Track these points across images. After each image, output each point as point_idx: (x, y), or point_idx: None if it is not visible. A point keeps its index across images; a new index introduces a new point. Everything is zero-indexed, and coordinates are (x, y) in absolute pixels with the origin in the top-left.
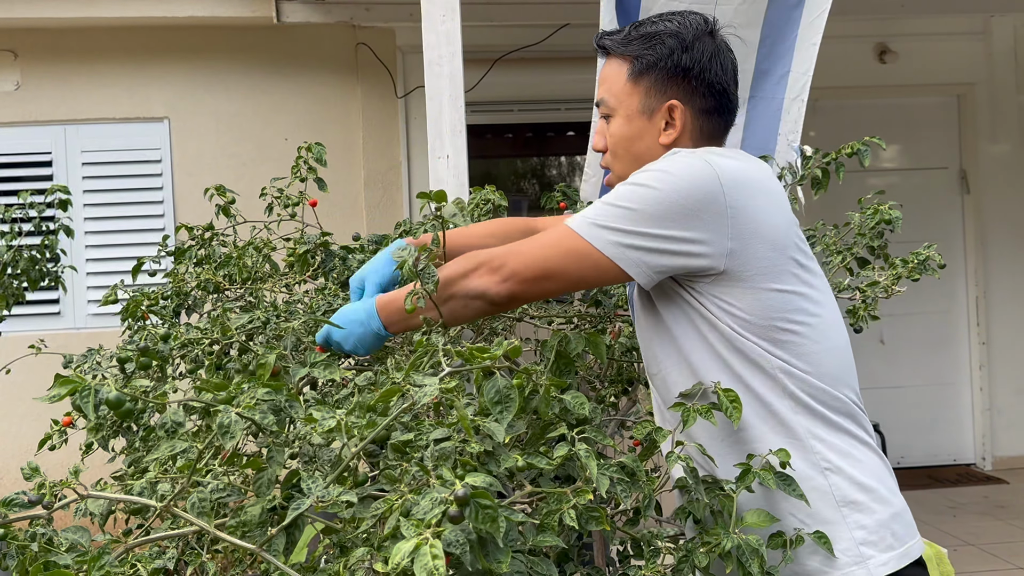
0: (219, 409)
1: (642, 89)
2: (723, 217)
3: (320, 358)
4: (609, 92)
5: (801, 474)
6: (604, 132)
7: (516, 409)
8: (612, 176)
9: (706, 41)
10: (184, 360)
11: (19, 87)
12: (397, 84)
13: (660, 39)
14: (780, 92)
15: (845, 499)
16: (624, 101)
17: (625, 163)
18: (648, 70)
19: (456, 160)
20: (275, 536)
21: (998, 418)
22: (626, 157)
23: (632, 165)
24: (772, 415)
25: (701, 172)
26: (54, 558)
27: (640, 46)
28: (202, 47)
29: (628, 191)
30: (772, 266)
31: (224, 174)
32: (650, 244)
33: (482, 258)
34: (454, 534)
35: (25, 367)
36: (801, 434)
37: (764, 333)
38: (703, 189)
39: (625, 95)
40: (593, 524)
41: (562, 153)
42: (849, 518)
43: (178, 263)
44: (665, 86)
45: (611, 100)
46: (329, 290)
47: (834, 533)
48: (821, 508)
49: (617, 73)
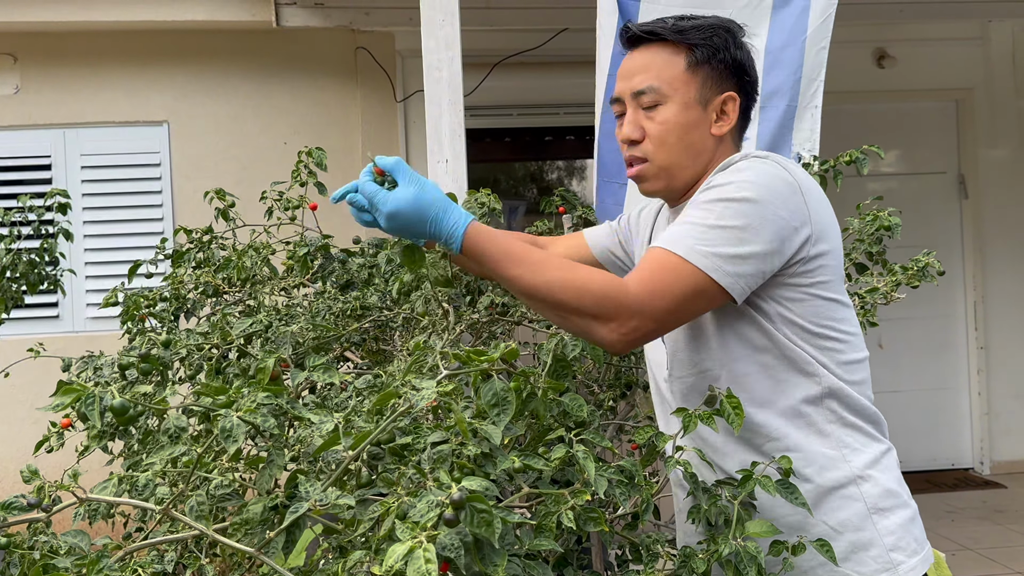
0: (220, 413)
1: (700, 79)
2: (806, 225)
3: (320, 361)
4: (659, 79)
5: (834, 483)
6: (639, 121)
7: (513, 412)
8: (648, 167)
9: (744, 42)
10: (184, 365)
11: (19, 90)
12: (396, 88)
13: (715, 31)
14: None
15: (876, 507)
16: (680, 89)
17: (674, 152)
18: (707, 60)
19: (455, 164)
20: (275, 537)
21: (996, 423)
22: (677, 146)
23: (682, 155)
24: (809, 425)
25: (785, 180)
26: (53, 562)
27: (698, 35)
28: (202, 51)
29: (727, 209)
30: (832, 274)
31: (223, 178)
32: (756, 263)
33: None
34: (449, 537)
35: (23, 370)
36: (834, 443)
37: (814, 341)
38: (791, 198)
39: (682, 83)
40: (591, 525)
41: (561, 157)
42: (879, 524)
43: (176, 266)
44: (722, 78)
45: (664, 87)
46: (329, 294)
47: (866, 540)
48: (852, 516)
49: (670, 61)
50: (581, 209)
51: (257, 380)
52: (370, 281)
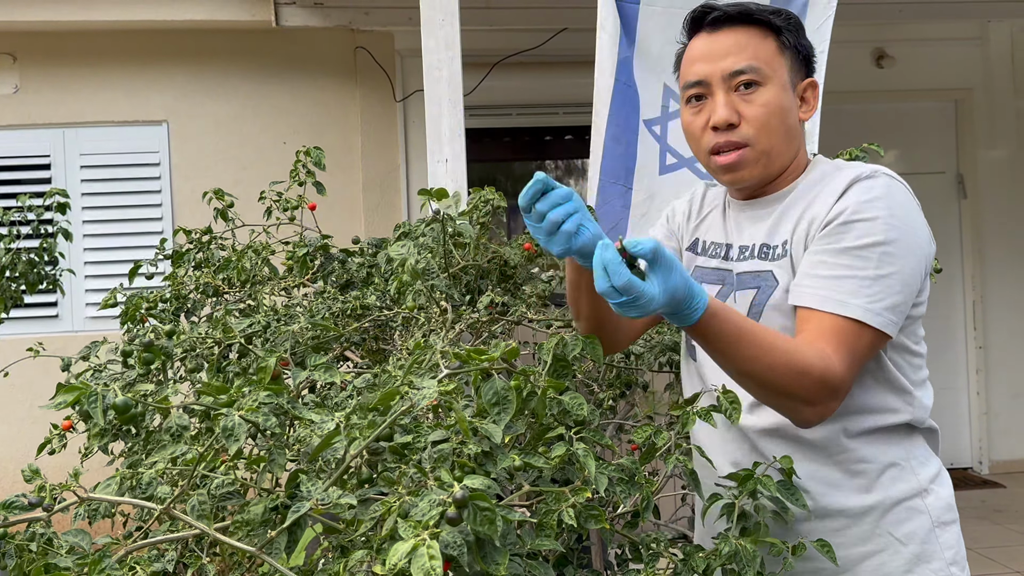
0: (221, 412)
1: (787, 63)
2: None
3: (321, 360)
4: (757, 59)
5: (902, 495)
6: (734, 104)
7: (514, 410)
8: (749, 152)
9: None
10: (184, 363)
11: (18, 90)
12: (396, 88)
13: (792, 17)
14: None
15: (939, 520)
16: (778, 71)
17: (776, 136)
18: (792, 45)
19: (455, 164)
20: (276, 537)
21: (995, 422)
22: (780, 129)
23: (782, 139)
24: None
25: (913, 203)
26: (54, 560)
27: (781, 19)
28: (201, 51)
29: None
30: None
31: (223, 178)
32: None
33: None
34: (452, 536)
35: (23, 370)
36: (905, 455)
37: (909, 359)
38: (921, 223)
39: (779, 65)
40: (592, 523)
41: (560, 157)
42: (940, 538)
43: (176, 266)
44: (801, 64)
45: (765, 68)
46: (328, 293)
47: (928, 553)
48: (918, 529)
49: (763, 41)
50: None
51: (258, 379)
52: (369, 280)
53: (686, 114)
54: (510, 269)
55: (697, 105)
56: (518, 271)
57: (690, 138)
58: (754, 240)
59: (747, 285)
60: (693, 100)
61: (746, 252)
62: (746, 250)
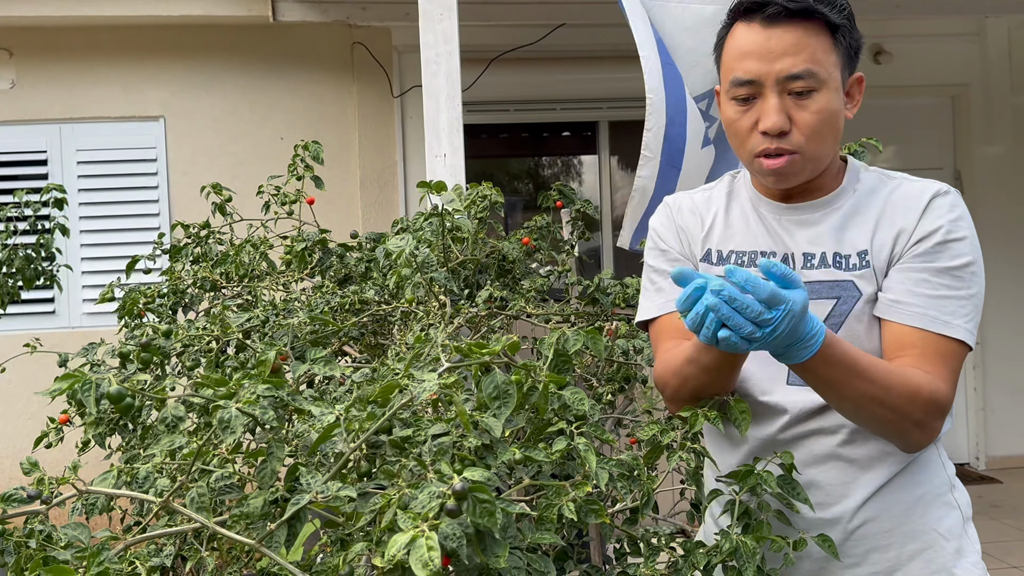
0: (220, 405)
1: (840, 60)
2: None
3: (321, 354)
4: (814, 62)
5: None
6: (784, 109)
7: (515, 404)
8: (798, 160)
9: None
10: (183, 357)
11: (14, 85)
12: (393, 83)
13: (846, 6)
14: None
15: (966, 515)
16: (833, 73)
17: (825, 143)
18: (844, 43)
19: (453, 158)
20: (276, 530)
21: (992, 418)
22: (829, 136)
23: (831, 145)
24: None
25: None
26: (53, 554)
27: (837, 13)
28: (198, 46)
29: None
30: None
31: (220, 173)
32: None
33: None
34: (451, 527)
35: (20, 366)
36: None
37: None
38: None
39: (833, 67)
40: (593, 517)
41: (558, 153)
42: (969, 532)
43: (174, 261)
44: (850, 59)
45: (821, 72)
46: (327, 288)
47: (965, 548)
48: (954, 524)
49: (819, 42)
50: (579, 203)
51: (257, 372)
52: (367, 275)
53: (730, 109)
54: (509, 264)
55: (746, 105)
56: (517, 266)
57: (733, 135)
58: (819, 248)
59: (822, 295)
60: (741, 98)
61: (813, 260)
62: (812, 258)
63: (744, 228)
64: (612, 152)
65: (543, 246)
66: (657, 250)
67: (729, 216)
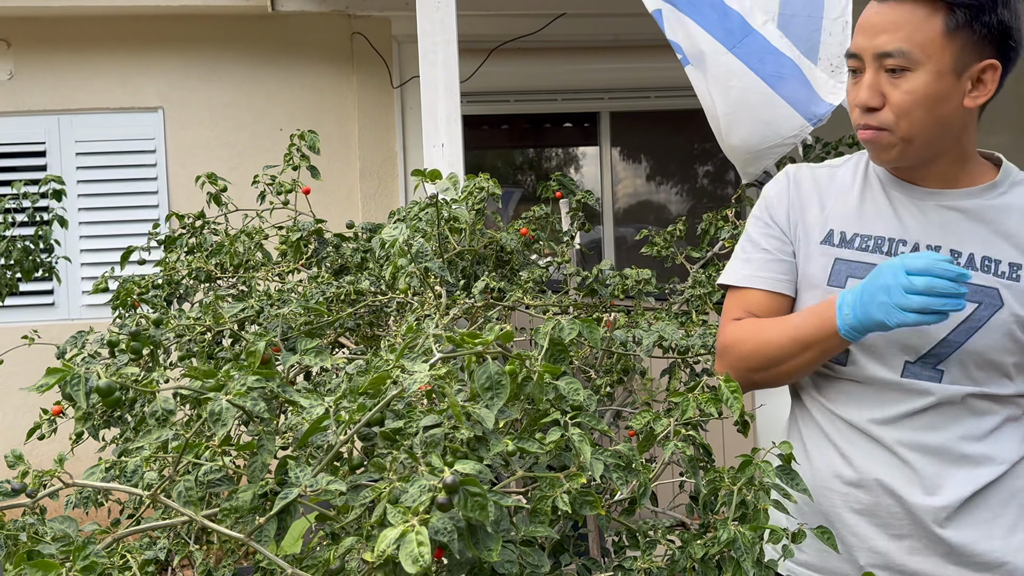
0: (209, 397)
1: (958, 44)
2: None
3: (311, 344)
4: (911, 42)
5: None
6: (880, 87)
7: (507, 395)
8: (888, 136)
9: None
10: (176, 348)
11: (12, 76)
12: (393, 74)
13: None
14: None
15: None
16: (935, 55)
17: (921, 125)
18: (969, 23)
19: (451, 148)
20: (265, 524)
21: None
22: (926, 119)
23: (930, 128)
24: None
25: None
26: (39, 547)
27: None
28: (196, 36)
29: None
30: None
31: (218, 164)
32: None
33: None
34: (442, 521)
35: (18, 358)
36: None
37: None
38: None
39: (937, 48)
40: (587, 509)
41: (559, 144)
42: None
43: (169, 252)
44: (984, 42)
45: (916, 52)
46: (322, 278)
47: None
48: None
49: (925, 21)
50: (580, 194)
51: (247, 363)
52: (363, 266)
53: (849, 81)
54: (507, 255)
55: (855, 77)
56: (515, 257)
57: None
58: (967, 248)
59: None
60: (851, 70)
61: (960, 258)
62: (959, 256)
63: (875, 211)
64: (613, 143)
65: (542, 236)
66: (762, 221)
67: (855, 196)
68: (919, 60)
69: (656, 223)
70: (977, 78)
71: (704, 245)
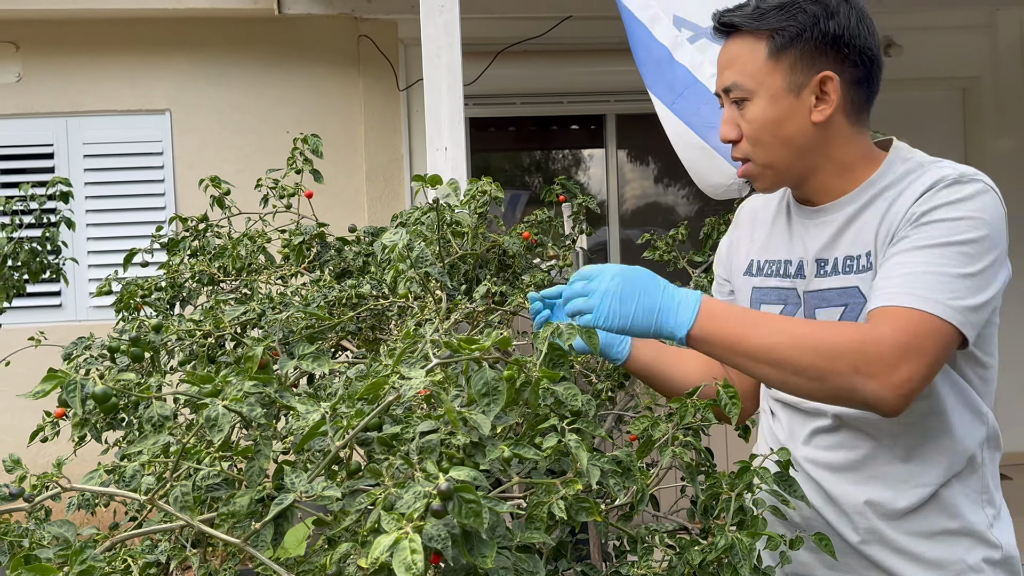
0: (206, 403)
1: (786, 65)
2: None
3: (309, 349)
4: (742, 74)
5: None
6: (736, 120)
7: (504, 401)
8: (752, 166)
9: (846, 6)
10: (177, 352)
11: (21, 79)
12: (399, 77)
13: (800, 7)
14: None
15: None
16: (764, 81)
17: (772, 149)
18: (792, 43)
19: (454, 152)
20: (262, 529)
21: (1002, 413)
22: (773, 143)
23: (781, 150)
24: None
25: (1001, 210)
26: (35, 552)
27: (778, 18)
28: (203, 39)
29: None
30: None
31: (225, 166)
32: (991, 305)
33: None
34: (436, 528)
35: (26, 359)
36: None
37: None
38: (1004, 229)
39: (765, 74)
40: (583, 515)
41: (566, 147)
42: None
43: (172, 255)
44: (813, 58)
45: (747, 82)
46: (324, 282)
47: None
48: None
49: (752, 51)
50: (582, 198)
51: (245, 368)
52: (365, 269)
53: None
54: (509, 258)
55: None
56: (517, 260)
57: None
58: (835, 253)
59: (833, 303)
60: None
61: (826, 267)
62: (825, 264)
63: (777, 236)
64: (620, 145)
65: (544, 240)
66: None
67: (769, 224)
68: (753, 89)
69: (662, 225)
70: (820, 92)
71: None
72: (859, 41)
